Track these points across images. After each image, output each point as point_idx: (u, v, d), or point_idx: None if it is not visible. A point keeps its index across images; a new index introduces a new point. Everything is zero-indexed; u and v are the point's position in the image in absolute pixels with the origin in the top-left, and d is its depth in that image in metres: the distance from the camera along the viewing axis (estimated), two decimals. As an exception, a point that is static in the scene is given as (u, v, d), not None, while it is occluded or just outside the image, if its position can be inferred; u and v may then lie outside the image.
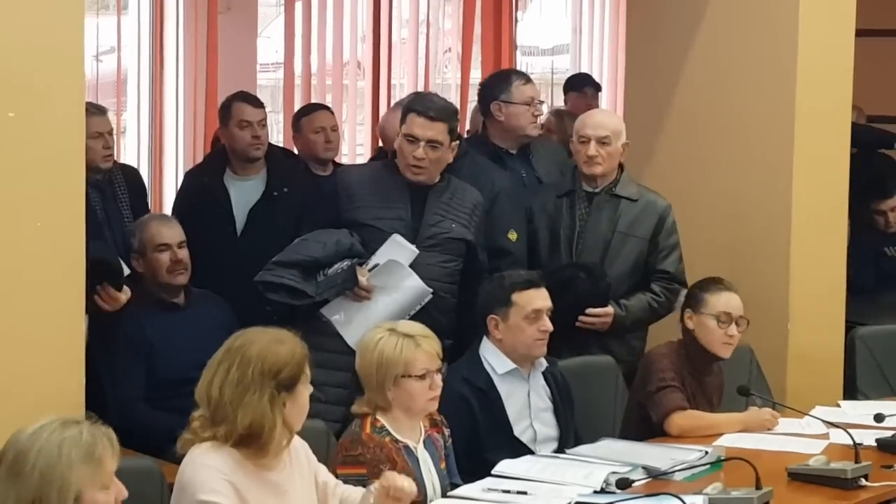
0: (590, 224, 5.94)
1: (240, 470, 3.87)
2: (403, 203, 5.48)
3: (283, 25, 9.45)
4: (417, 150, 5.41)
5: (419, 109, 5.47)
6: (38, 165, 4.42)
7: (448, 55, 11.03)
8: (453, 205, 5.53)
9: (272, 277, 5.32)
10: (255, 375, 3.90)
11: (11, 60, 4.35)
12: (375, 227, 5.44)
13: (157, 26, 8.80)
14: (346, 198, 5.51)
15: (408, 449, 4.54)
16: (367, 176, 5.66)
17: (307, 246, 5.37)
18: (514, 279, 5.24)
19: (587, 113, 6.26)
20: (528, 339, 5.14)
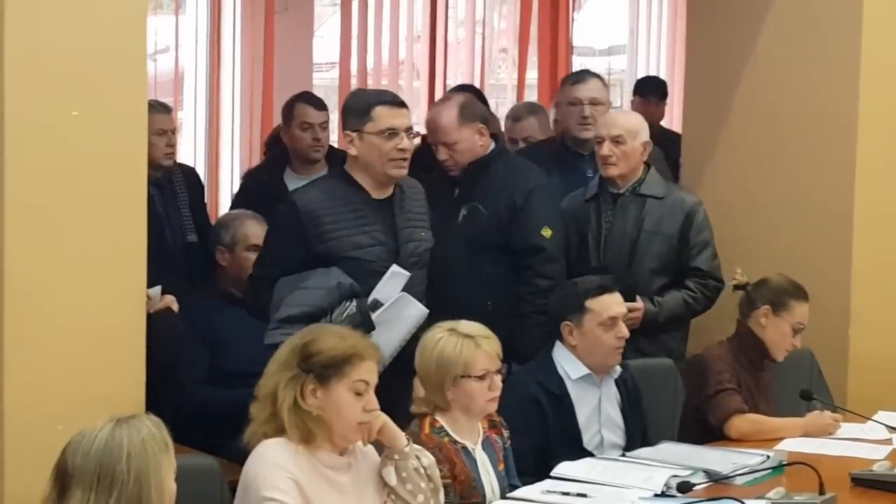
0: (616, 225, 5.90)
1: (304, 468, 3.88)
2: (376, 223, 5.05)
3: (338, 25, 9.46)
4: (402, 141, 5.03)
5: (387, 100, 5.11)
6: (101, 163, 4.44)
7: (503, 55, 11.02)
8: (413, 209, 5.20)
9: (283, 337, 4.56)
10: (291, 352, 3.99)
11: (75, 59, 4.37)
12: (358, 258, 4.98)
13: (215, 26, 8.83)
14: (313, 227, 4.98)
15: (466, 450, 4.52)
16: (327, 196, 5.06)
17: (309, 295, 4.88)
18: (588, 285, 5.19)
19: (609, 113, 6.25)
20: (604, 347, 5.11)
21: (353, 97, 5.24)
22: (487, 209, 5.63)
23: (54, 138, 4.34)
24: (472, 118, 5.67)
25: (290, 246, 4.99)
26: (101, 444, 3.22)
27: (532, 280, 5.57)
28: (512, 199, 5.62)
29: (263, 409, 3.96)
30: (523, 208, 5.61)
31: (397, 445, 4.07)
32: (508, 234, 5.61)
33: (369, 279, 4.93)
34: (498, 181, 5.66)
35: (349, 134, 5.04)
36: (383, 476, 4.06)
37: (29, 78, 4.27)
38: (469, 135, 5.65)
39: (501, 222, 5.62)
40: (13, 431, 4.30)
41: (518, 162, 5.91)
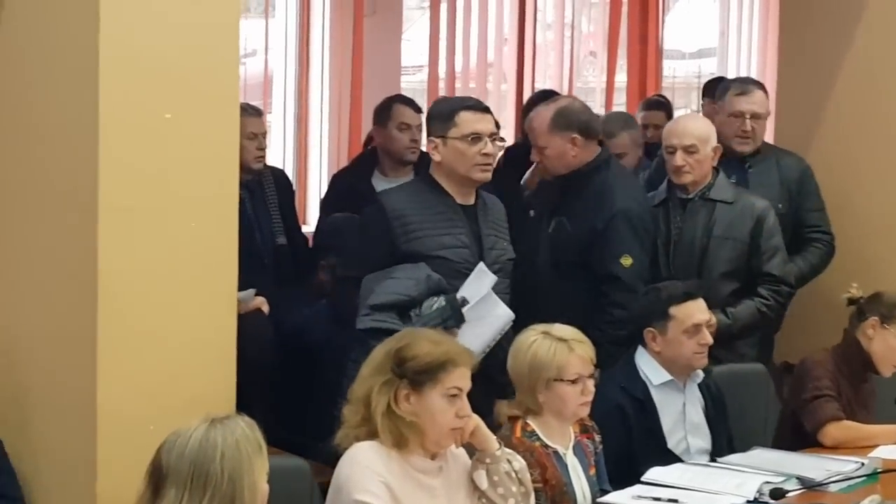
0: (685, 230, 5.83)
1: (396, 472, 3.90)
2: (462, 226, 5.09)
3: (425, 28, 9.46)
4: (486, 145, 5.05)
5: (471, 105, 5.18)
6: (193, 166, 4.46)
7: (591, 59, 10.97)
8: (496, 220, 5.24)
9: (374, 323, 4.85)
10: (385, 356, 3.99)
11: (168, 62, 4.39)
12: (443, 257, 5.02)
13: (304, 29, 8.87)
14: (400, 227, 5.03)
15: (557, 454, 4.51)
16: (414, 199, 5.12)
17: (400, 284, 4.91)
18: (672, 291, 5.16)
19: (674, 120, 6.14)
20: (687, 353, 5.08)
21: (438, 103, 5.31)
22: (573, 227, 5.56)
23: (147, 140, 4.37)
24: (565, 126, 5.55)
25: (377, 246, 5.04)
26: (196, 444, 3.24)
27: (606, 309, 5.48)
28: (592, 223, 5.51)
29: (356, 413, 3.97)
30: (603, 234, 5.50)
31: (489, 449, 4.06)
32: (589, 256, 5.52)
33: (452, 279, 4.97)
34: (590, 198, 5.56)
35: (433, 140, 5.09)
36: (474, 479, 4.06)
37: (123, 81, 4.30)
38: (559, 143, 5.56)
39: (582, 243, 5.52)
40: (106, 432, 4.33)
41: (615, 180, 5.67)
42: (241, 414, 3.42)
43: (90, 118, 4.27)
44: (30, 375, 4.53)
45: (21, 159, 4.53)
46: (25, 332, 4.54)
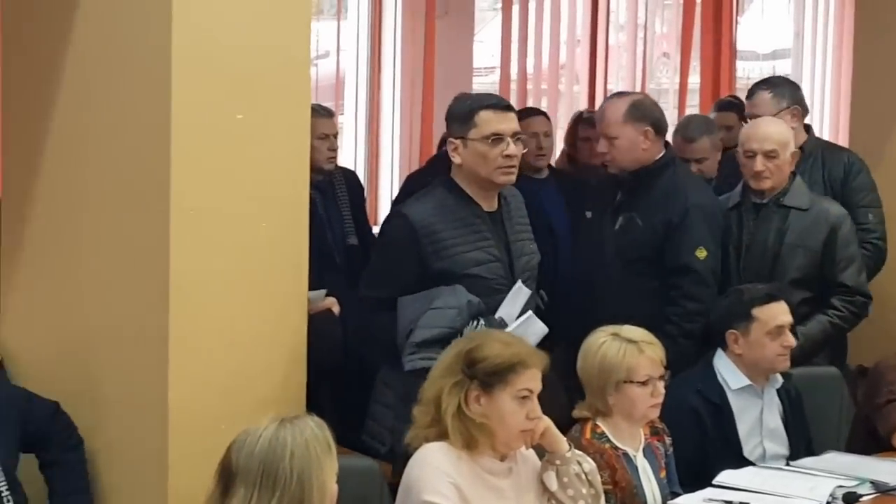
0: (757, 236, 5.70)
1: (466, 473, 3.90)
2: (490, 237, 4.83)
3: (497, 29, 9.45)
4: (508, 146, 4.76)
5: (492, 103, 4.86)
6: (264, 167, 4.48)
7: (664, 60, 10.92)
8: (519, 219, 4.99)
9: (424, 363, 4.51)
10: (456, 358, 3.99)
11: (240, 63, 4.41)
12: (478, 275, 4.75)
13: (376, 30, 8.88)
14: (430, 244, 4.73)
15: (627, 456, 4.49)
16: (439, 211, 4.79)
17: (443, 316, 4.63)
18: (754, 293, 5.10)
19: (752, 123, 5.94)
20: (770, 355, 5.02)
21: (457, 102, 4.99)
22: (644, 222, 5.51)
23: (219, 141, 4.39)
24: (640, 119, 5.51)
25: (406, 264, 4.74)
26: (266, 443, 3.25)
27: (680, 301, 5.43)
28: (668, 216, 5.46)
29: (426, 414, 3.97)
30: (679, 226, 5.45)
31: (559, 450, 4.05)
32: (662, 250, 5.47)
33: (487, 297, 4.72)
34: (659, 194, 5.52)
35: (453, 141, 4.82)
36: (544, 481, 4.05)
37: (195, 82, 4.32)
38: (632, 134, 5.51)
39: (656, 238, 5.48)
40: (178, 430, 4.36)
41: (682, 176, 5.69)
42: (310, 414, 3.43)
43: (162, 119, 4.30)
44: (103, 374, 4.57)
45: (94, 160, 4.57)
46: (98, 332, 4.58)
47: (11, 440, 4.36)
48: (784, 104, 6.12)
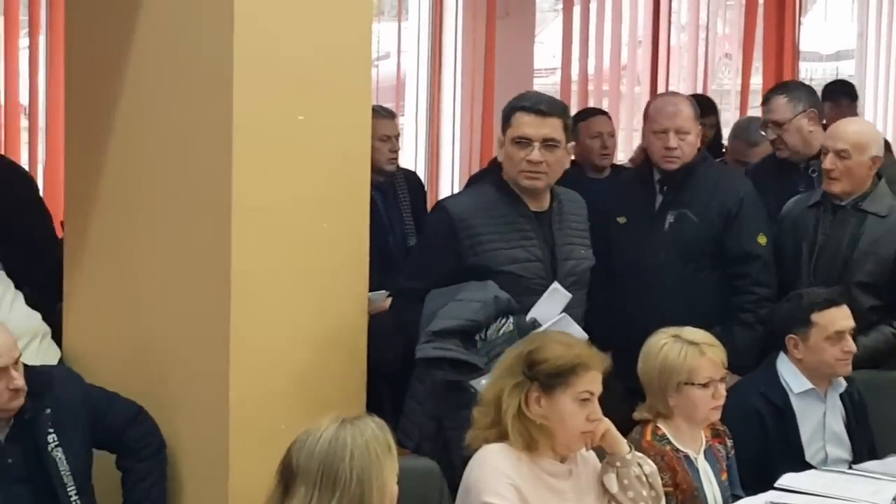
0: (832, 238, 5.57)
1: (526, 475, 3.89)
2: (534, 237, 4.70)
3: (558, 30, 9.44)
4: (532, 152, 4.64)
5: (526, 106, 4.71)
6: (326, 167, 4.50)
7: (726, 61, 10.88)
8: (572, 223, 4.84)
9: (436, 352, 4.43)
10: (516, 359, 3.98)
11: (302, 64, 4.43)
12: (514, 273, 4.63)
13: (437, 31, 8.89)
14: (467, 238, 4.63)
15: (688, 458, 4.47)
16: (482, 206, 4.70)
17: (465, 307, 4.50)
18: (814, 298, 5.05)
19: (838, 122, 5.85)
20: (830, 360, 4.98)
21: (511, 100, 4.85)
22: (698, 216, 5.46)
23: (280, 141, 4.41)
24: (699, 117, 5.58)
25: (442, 257, 4.66)
26: (326, 443, 3.24)
27: (751, 289, 5.41)
28: (725, 206, 5.44)
29: (486, 415, 3.97)
30: (738, 215, 5.44)
31: (619, 452, 4.04)
32: (721, 241, 5.45)
33: (523, 296, 4.59)
34: (707, 187, 5.49)
35: (501, 137, 4.77)
36: (604, 483, 4.04)
37: (256, 83, 4.34)
38: (698, 132, 5.53)
39: (713, 230, 5.45)
40: (238, 430, 4.38)
41: (722, 168, 5.79)
42: (371, 414, 3.43)
43: (224, 119, 4.31)
44: (165, 374, 4.59)
45: (157, 161, 4.59)
46: (160, 333, 4.60)
47: (82, 443, 4.39)
48: (800, 108, 6.06)
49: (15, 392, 4.20)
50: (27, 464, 4.28)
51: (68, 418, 4.34)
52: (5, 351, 4.21)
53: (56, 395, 4.34)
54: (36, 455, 4.28)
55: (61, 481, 4.28)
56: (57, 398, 4.34)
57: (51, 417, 4.30)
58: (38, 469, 4.28)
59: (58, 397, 4.34)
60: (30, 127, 7.04)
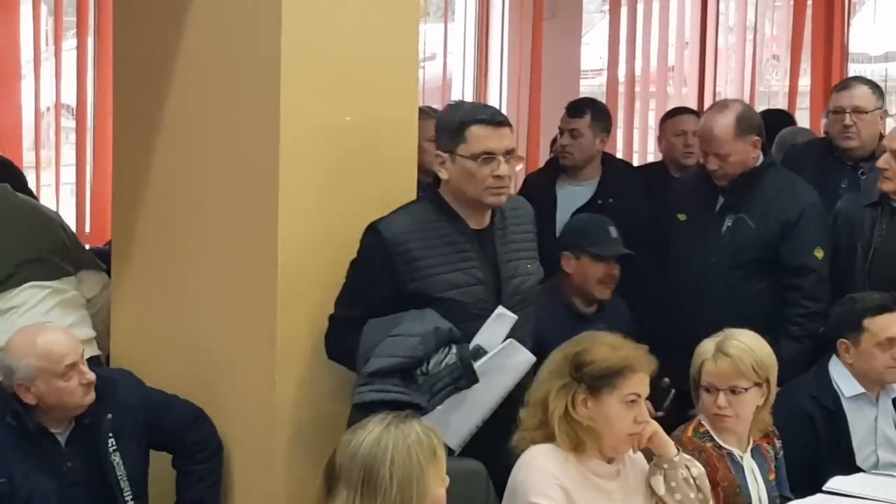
0: (887, 240, 5.47)
1: (573, 476, 3.88)
2: (475, 258, 4.37)
3: (604, 31, 9.42)
4: (499, 166, 4.30)
5: (484, 118, 4.35)
6: (372, 168, 4.50)
7: (774, 62, 10.82)
8: (516, 238, 4.50)
9: (375, 396, 4.14)
10: (563, 360, 3.96)
11: (348, 65, 4.43)
12: (454, 299, 4.30)
13: (483, 32, 8.89)
14: (404, 263, 4.28)
15: (732, 456, 4.46)
16: (419, 226, 4.35)
17: (402, 343, 4.18)
18: (867, 303, 5.01)
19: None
20: (880, 366, 4.94)
21: (448, 112, 4.53)
22: (755, 223, 5.43)
23: (327, 142, 4.41)
24: (748, 130, 5.44)
25: (378, 283, 4.31)
26: (368, 446, 3.18)
27: (802, 302, 5.34)
28: (784, 216, 5.39)
29: (533, 416, 3.96)
30: (796, 226, 5.38)
31: (667, 454, 4.02)
32: (777, 250, 5.40)
33: (466, 322, 4.29)
34: (769, 195, 5.44)
35: (441, 154, 4.37)
36: (651, 484, 4.02)
37: (303, 83, 4.35)
38: (743, 148, 5.43)
39: (770, 238, 5.40)
40: (285, 431, 4.39)
41: (790, 177, 5.61)
42: (417, 416, 3.38)
43: (271, 121, 4.32)
44: (212, 375, 4.60)
45: (204, 162, 4.60)
46: (208, 333, 4.61)
47: (139, 449, 4.43)
48: (880, 104, 6.02)
49: (87, 387, 4.26)
50: (86, 468, 4.32)
51: (128, 424, 4.38)
52: (70, 348, 4.27)
53: (117, 400, 4.38)
54: (96, 460, 4.32)
55: (119, 486, 4.32)
56: (118, 403, 4.38)
57: (111, 423, 4.33)
58: (96, 474, 4.33)
59: (119, 403, 4.38)
60: (77, 128, 7.08)
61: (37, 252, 4.94)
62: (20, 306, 4.84)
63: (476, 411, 4.24)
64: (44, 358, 4.21)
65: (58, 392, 4.23)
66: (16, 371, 4.23)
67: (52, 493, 4.25)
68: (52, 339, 4.27)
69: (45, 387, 4.22)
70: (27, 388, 4.23)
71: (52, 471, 4.27)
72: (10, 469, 4.21)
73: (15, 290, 4.85)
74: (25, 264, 4.89)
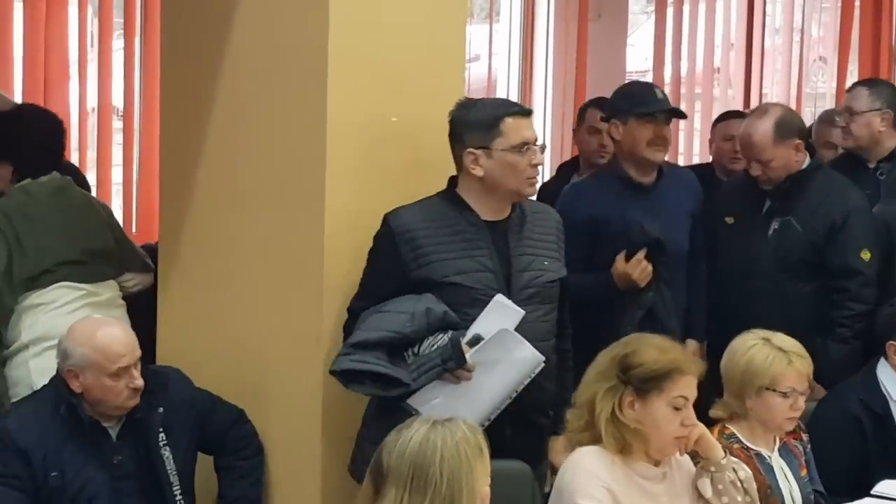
0: None
1: (620, 478, 3.87)
2: (484, 246, 4.35)
3: (650, 32, 9.39)
4: (535, 155, 4.36)
5: (516, 110, 4.41)
6: (419, 168, 4.51)
7: (820, 64, 10.75)
8: (535, 236, 4.48)
9: (353, 364, 4.14)
10: (611, 362, 3.94)
11: (395, 66, 4.44)
12: (459, 284, 4.28)
13: (528, 33, 8.87)
14: (410, 250, 4.29)
15: (760, 456, 4.43)
16: (428, 216, 4.35)
17: (389, 319, 4.19)
18: None
19: None
20: None
21: (473, 109, 4.42)
22: (802, 225, 5.41)
23: (373, 143, 4.42)
24: (789, 134, 5.41)
25: (386, 273, 4.33)
26: (416, 445, 3.21)
27: (848, 304, 5.32)
28: (830, 218, 5.37)
29: (580, 418, 3.95)
30: (843, 228, 5.36)
31: (714, 457, 4.00)
32: (823, 253, 5.38)
33: (471, 307, 4.27)
34: (816, 197, 5.43)
35: (473, 152, 4.33)
36: (698, 487, 4.00)
37: (350, 84, 4.36)
38: (784, 153, 5.41)
39: (816, 240, 5.38)
40: (330, 430, 4.41)
41: (837, 179, 5.59)
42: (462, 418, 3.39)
43: (318, 121, 4.33)
44: (257, 375, 4.61)
45: (250, 163, 4.61)
46: (253, 333, 4.62)
47: (188, 445, 4.45)
48: (877, 105, 5.95)
49: (134, 391, 4.28)
50: (136, 462, 4.35)
51: (178, 419, 4.40)
52: (128, 350, 4.29)
53: (169, 395, 4.41)
54: (146, 454, 4.35)
55: (168, 480, 4.34)
56: (169, 399, 4.41)
57: (162, 417, 4.36)
58: (146, 468, 4.35)
59: (170, 398, 4.41)
60: (124, 129, 7.10)
61: (79, 254, 4.97)
62: (48, 303, 4.88)
63: (480, 404, 4.20)
64: (99, 352, 4.24)
65: (103, 389, 4.25)
66: (70, 357, 4.27)
67: (103, 485, 4.28)
68: (112, 337, 4.30)
69: (93, 380, 4.25)
70: (76, 376, 4.26)
71: (102, 464, 4.30)
72: (63, 462, 4.25)
73: (49, 288, 4.88)
74: (64, 265, 4.92)
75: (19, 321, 4.85)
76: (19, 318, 4.85)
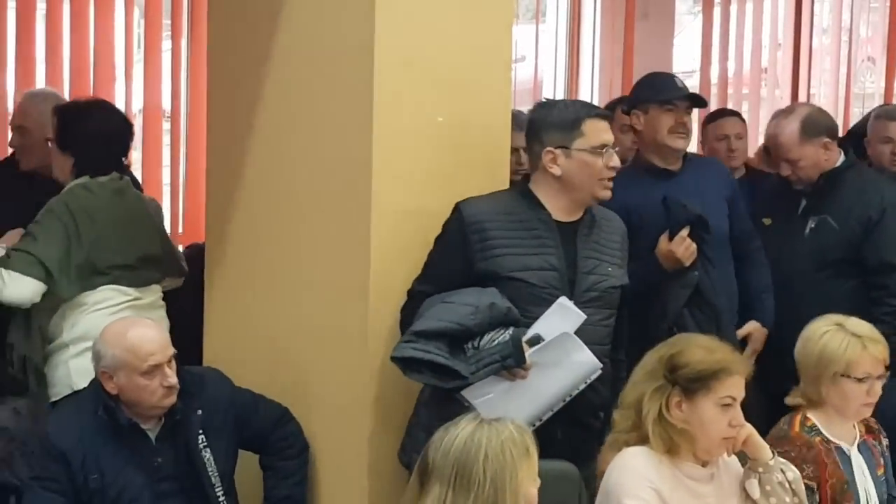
0: None
1: (667, 479, 3.85)
2: (553, 246, 4.36)
3: (697, 32, 9.35)
4: (612, 158, 4.39)
5: (598, 112, 4.49)
6: (465, 169, 4.50)
7: (869, 64, 10.69)
8: (602, 241, 4.49)
9: (414, 352, 4.13)
10: (658, 362, 3.92)
11: (442, 66, 4.44)
12: (524, 280, 4.29)
13: (574, 33, 8.85)
14: (479, 241, 4.31)
15: (840, 450, 4.40)
16: (499, 210, 4.37)
17: (453, 310, 4.18)
18: None
19: None
20: None
21: (555, 109, 4.47)
22: (838, 223, 5.43)
23: (420, 143, 4.42)
24: (815, 133, 5.44)
25: (452, 260, 4.35)
26: (461, 443, 3.21)
27: (887, 300, 5.33)
28: (866, 214, 5.39)
29: (627, 418, 3.93)
30: (879, 224, 5.38)
31: (762, 458, 3.98)
32: (860, 249, 5.39)
33: (534, 306, 4.27)
34: (851, 194, 5.45)
35: (552, 150, 4.36)
36: (746, 488, 3.98)
37: (397, 84, 4.36)
38: (812, 151, 5.44)
39: (853, 237, 5.40)
40: (377, 429, 4.41)
41: (872, 175, 5.65)
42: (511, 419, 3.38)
43: (364, 121, 4.33)
44: (303, 376, 4.62)
45: (297, 164, 4.62)
46: (301, 331, 4.63)
47: (229, 445, 4.45)
48: None
49: (168, 389, 4.28)
50: (177, 464, 4.35)
51: (217, 420, 4.40)
52: (160, 348, 4.29)
53: (207, 396, 4.41)
54: (186, 455, 4.35)
55: (210, 482, 4.34)
56: (207, 399, 4.40)
57: (201, 418, 4.35)
58: (187, 469, 4.35)
59: (208, 399, 4.41)
60: (171, 131, 7.13)
61: (130, 259, 4.98)
62: (93, 304, 4.89)
63: (533, 404, 4.20)
64: (129, 352, 4.25)
65: (137, 388, 4.26)
66: (102, 358, 4.29)
67: (144, 488, 4.29)
68: (143, 336, 4.30)
69: (126, 380, 4.26)
70: (110, 377, 4.27)
71: (142, 466, 4.31)
72: (102, 465, 4.26)
73: (98, 289, 4.90)
74: (116, 269, 4.94)
75: (62, 319, 4.87)
76: (63, 317, 4.87)
